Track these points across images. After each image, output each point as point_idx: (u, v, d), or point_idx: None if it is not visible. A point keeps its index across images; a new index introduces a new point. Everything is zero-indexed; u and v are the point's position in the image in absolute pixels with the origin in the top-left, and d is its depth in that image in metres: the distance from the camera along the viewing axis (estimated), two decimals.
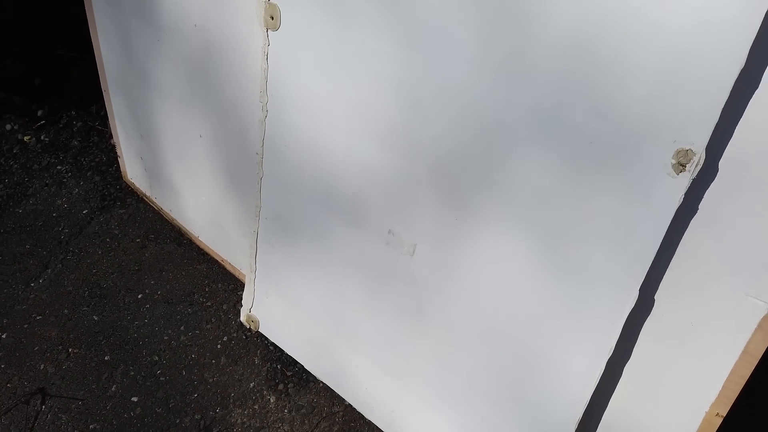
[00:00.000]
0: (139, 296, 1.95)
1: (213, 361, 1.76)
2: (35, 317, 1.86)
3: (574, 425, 1.18)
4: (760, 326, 1.00)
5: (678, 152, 0.94)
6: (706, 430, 1.11)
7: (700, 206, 1.00)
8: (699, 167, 0.93)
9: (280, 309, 1.73)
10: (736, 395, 1.06)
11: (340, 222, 1.47)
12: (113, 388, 1.68)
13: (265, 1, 1.38)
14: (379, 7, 1.18)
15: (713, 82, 0.88)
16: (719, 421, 1.09)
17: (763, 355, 1.02)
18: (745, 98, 0.91)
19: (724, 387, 1.06)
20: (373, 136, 1.30)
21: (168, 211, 2.21)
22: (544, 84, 1.03)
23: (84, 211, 2.27)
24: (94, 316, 1.88)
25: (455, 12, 1.08)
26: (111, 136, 2.59)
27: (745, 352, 1.03)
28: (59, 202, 2.31)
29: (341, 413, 1.65)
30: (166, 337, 1.82)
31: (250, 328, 1.84)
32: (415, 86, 1.19)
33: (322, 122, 1.39)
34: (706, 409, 1.09)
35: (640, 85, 0.94)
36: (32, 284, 1.97)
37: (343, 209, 1.45)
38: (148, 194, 2.28)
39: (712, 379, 1.07)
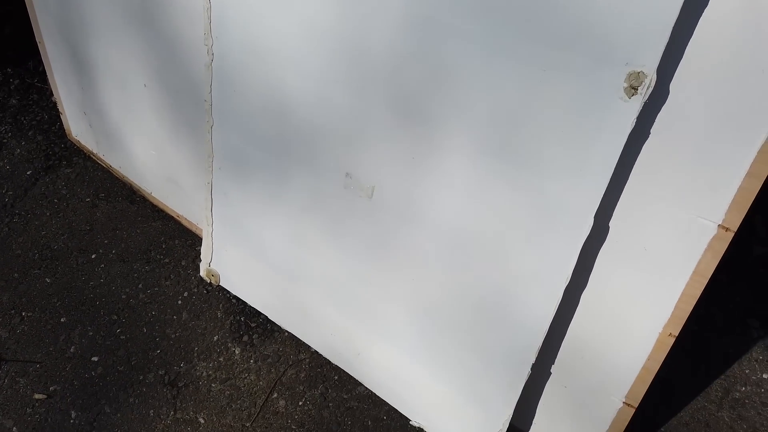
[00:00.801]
0: (93, 256, 1.89)
1: (174, 317, 1.73)
2: None
3: (534, 352, 1.20)
4: (710, 246, 1.03)
5: (630, 75, 0.94)
6: (659, 350, 1.14)
7: (651, 130, 1.00)
8: (650, 90, 0.93)
9: (240, 261, 1.70)
10: (688, 315, 1.09)
11: (295, 167, 1.43)
12: (72, 349, 1.64)
13: None
14: None
15: (663, 3, 0.87)
16: (672, 340, 1.12)
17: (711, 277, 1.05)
18: (695, 17, 0.90)
19: (676, 308, 1.10)
20: (326, 76, 1.26)
21: (118, 168, 2.12)
22: (495, 11, 1.00)
23: (28, 172, 2.16)
24: (47, 279, 1.81)
25: None
26: (51, 94, 2.46)
27: (695, 272, 1.05)
28: (0, 163, 2.19)
29: (307, 360, 1.65)
30: (123, 296, 1.78)
31: (210, 282, 1.81)
32: (363, 13, 1.15)
33: (271, 64, 1.34)
34: (660, 330, 1.13)
35: (591, 8, 0.92)
36: None
37: (298, 154, 1.41)
38: (95, 152, 2.19)
39: (665, 300, 1.10)
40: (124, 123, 1.93)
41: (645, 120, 0.99)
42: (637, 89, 0.94)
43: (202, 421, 1.51)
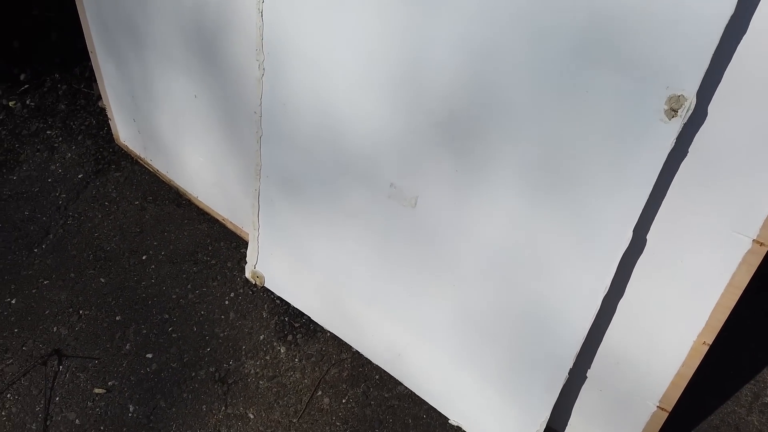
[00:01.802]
0: (144, 257, 1.99)
1: (222, 317, 1.82)
2: (42, 282, 1.90)
3: (572, 358, 1.26)
4: (744, 260, 1.07)
5: (670, 98, 0.99)
6: (693, 357, 1.20)
7: (690, 149, 1.05)
8: (690, 112, 0.98)
9: (285, 264, 1.78)
10: (722, 324, 1.14)
11: (341, 177, 1.51)
12: (127, 347, 1.74)
13: None
14: None
15: (704, 30, 0.92)
16: (706, 348, 1.18)
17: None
18: (734, 44, 0.95)
19: (710, 317, 1.15)
20: (374, 91, 1.33)
21: (165, 173, 2.22)
22: (543, 35, 1.06)
23: (79, 176, 2.27)
24: (101, 279, 1.92)
25: None
26: (99, 99, 2.57)
27: (730, 284, 1.10)
28: (53, 167, 2.31)
29: (349, 359, 1.73)
30: (174, 296, 1.88)
31: (255, 283, 1.90)
32: (419, 39, 1.21)
33: (320, 77, 1.41)
34: (694, 338, 1.18)
35: (635, 34, 0.98)
36: (35, 250, 2.00)
37: (343, 164, 1.49)
38: (142, 156, 2.29)
39: (700, 310, 1.15)
40: (172, 130, 2.03)
41: (684, 140, 1.04)
42: (677, 111, 0.99)
43: (252, 416, 1.60)
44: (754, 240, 1.06)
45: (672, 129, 1.00)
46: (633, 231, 1.10)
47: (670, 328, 1.21)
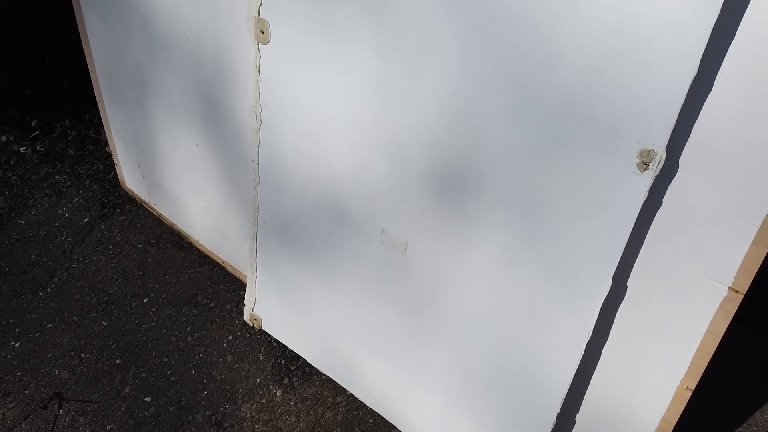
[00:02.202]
0: (145, 300, 2.03)
1: (220, 360, 1.85)
2: (46, 325, 1.94)
3: (558, 405, 1.28)
4: (721, 307, 1.10)
5: (641, 152, 1.03)
6: (677, 402, 1.21)
7: (664, 199, 1.09)
8: (661, 165, 1.02)
9: (282, 307, 1.82)
10: (703, 369, 1.16)
11: (334, 223, 1.55)
12: (126, 390, 1.77)
13: (256, 17, 1.45)
14: (363, 20, 1.25)
15: (670, 89, 0.97)
16: (689, 394, 1.19)
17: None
18: (700, 101, 1.00)
19: (692, 363, 1.17)
20: (363, 142, 1.39)
21: (167, 217, 2.28)
22: (522, 95, 1.12)
23: (85, 220, 2.34)
24: (103, 322, 1.96)
25: (438, 26, 1.16)
26: (106, 144, 2.65)
27: (709, 331, 1.13)
28: (60, 211, 2.38)
29: (344, 403, 1.74)
30: (173, 339, 1.91)
31: (253, 326, 1.93)
32: (402, 94, 1.27)
33: (314, 130, 1.47)
34: (677, 383, 1.20)
35: (606, 93, 1.03)
36: (40, 293, 2.05)
37: (336, 211, 1.53)
38: (146, 200, 2.36)
39: (681, 356, 1.17)
40: (175, 176, 2.09)
41: (657, 190, 1.08)
42: (648, 165, 1.03)
43: None
44: (729, 287, 1.08)
45: (645, 181, 1.04)
46: (612, 279, 1.14)
47: (654, 373, 1.22)
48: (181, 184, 2.09)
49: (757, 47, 0.93)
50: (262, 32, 1.45)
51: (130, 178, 2.40)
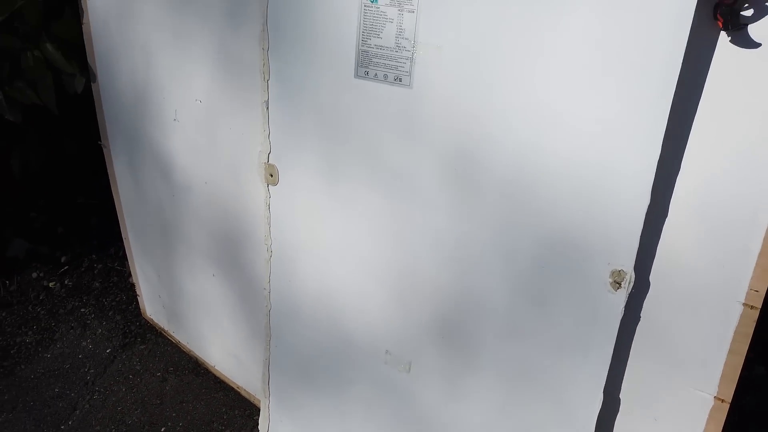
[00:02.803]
0: (162, 429, 2.07)
1: None
2: None
3: None
4: (711, 417, 1.14)
5: (613, 272, 1.13)
6: None
7: (641, 314, 1.18)
8: (632, 284, 1.12)
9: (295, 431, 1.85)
10: None
11: (342, 347, 1.63)
12: None
13: (265, 162, 1.63)
14: (363, 164, 1.42)
15: (631, 217, 1.08)
16: None
17: None
18: (658, 226, 1.12)
19: None
20: (365, 273, 1.50)
21: (185, 344, 2.37)
22: (503, 224, 1.24)
23: (107, 350, 2.44)
24: None
25: (428, 174, 1.31)
26: (129, 275, 2.81)
27: None
28: (84, 343, 2.48)
29: None
30: None
31: None
32: (398, 230, 1.40)
33: (320, 261, 1.60)
34: None
35: (576, 222, 1.15)
36: (62, 426, 2.10)
37: (344, 335, 1.62)
38: (166, 329, 2.46)
39: None
40: (193, 304, 2.21)
41: (634, 307, 1.17)
42: (620, 284, 1.13)
43: None
44: (715, 397, 1.13)
45: (619, 299, 1.13)
46: (604, 392, 1.19)
47: None
48: (199, 311, 2.20)
49: (702, 175, 1.05)
50: (272, 175, 1.62)
51: (151, 307, 2.52)
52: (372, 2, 1.26)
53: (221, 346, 2.18)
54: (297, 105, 1.47)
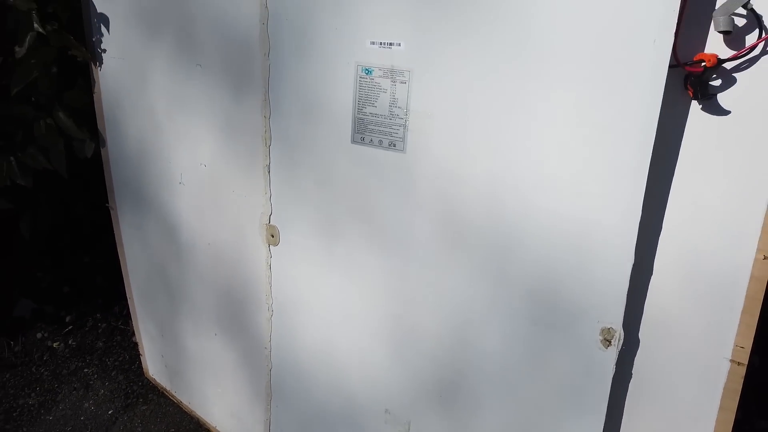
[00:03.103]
0: None
1: None
2: None
3: None
4: None
5: (602, 330, 1.16)
6: None
7: (633, 371, 1.19)
8: (621, 341, 1.14)
9: None
10: None
11: (342, 404, 1.64)
12: None
13: (267, 223, 1.68)
14: (360, 224, 1.47)
15: (617, 277, 1.12)
16: None
17: None
18: (645, 284, 1.15)
19: None
20: (368, 331, 1.53)
21: (187, 404, 2.37)
22: (495, 282, 1.28)
23: (109, 411, 2.43)
24: None
25: (421, 234, 1.36)
26: (133, 334, 2.82)
27: None
28: (86, 404, 2.48)
29: None
30: None
31: None
32: (395, 289, 1.44)
33: (321, 321, 1.63)
34: None
35: (565, 281, 1.18)
36: None
37: (345, 394, 1.63)
38: (168, 388, 2.46)
39: None
40: (195, 364, 2.22)
41: (625, 363, 1.19)
42: (610, 341, 1.15)
43: None
44: None
45: (610, 356, 1.16)
46: None
47: None
48: (200, 371, 2.21)
49: (684, 235, 1.10)
50: (273, 236, 1.67)
51: (153, 367, 2.53)
52: (366, 74, 1.34)
53: (223, 406, 2.18)
54: (297, 169, 1.54)
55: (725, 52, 0.98)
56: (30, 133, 2.09)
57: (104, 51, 1.96)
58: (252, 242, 1.77)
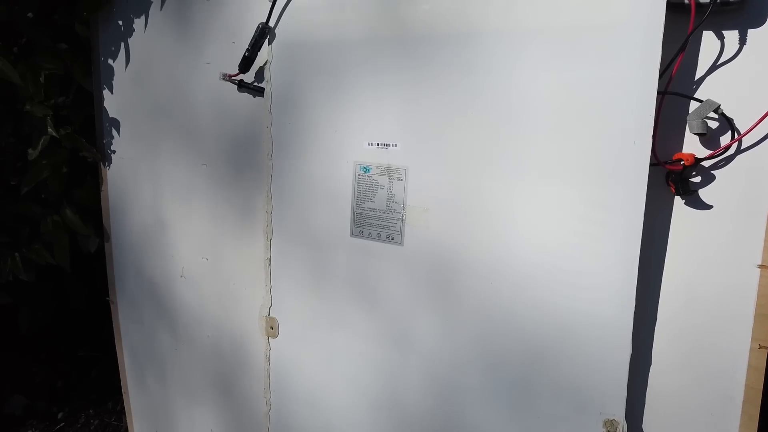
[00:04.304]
0: None
1: None
2: None
3: None
4: None
5: (605, 422, 1.15)
6: None
7: None
8: None
9: None
10: None
11: None
12: None
13: (266, 316, 1.69)
14: (358, 314, 1.48)
15: (616, 367, 1.13)
16: None
17: None
18: (644, 374, 1.16)
19: None
20: (362, 409, 1.51)
21: None
22: (496, 367, 1.28)
23: None
24: None
25: (419, 326, 1.38)
26: (126, 431, 2.74)
27: None
28: None
29: None
30: None
31: None
32: (393, 373, 1.44)
33: (320, 412, 1.61)
34: None
35: (566, 373, 1.19)
36: None
37: None
38: None
39: None
40: None
41: None
42: None
43: None
44: None
45: None
46: None
47: None
48: None
49: (680, 324, 1.12)
50: (272, 328, 1.68)
51: None
52: (365, 172, 1.41)
53: None
54: (297, 262, 1.57)
55: (703, 151, 1.05)
56: (36, 230, 2.13)
57: (114, 152, 2.05)
58: (251, 335, 1.77)
